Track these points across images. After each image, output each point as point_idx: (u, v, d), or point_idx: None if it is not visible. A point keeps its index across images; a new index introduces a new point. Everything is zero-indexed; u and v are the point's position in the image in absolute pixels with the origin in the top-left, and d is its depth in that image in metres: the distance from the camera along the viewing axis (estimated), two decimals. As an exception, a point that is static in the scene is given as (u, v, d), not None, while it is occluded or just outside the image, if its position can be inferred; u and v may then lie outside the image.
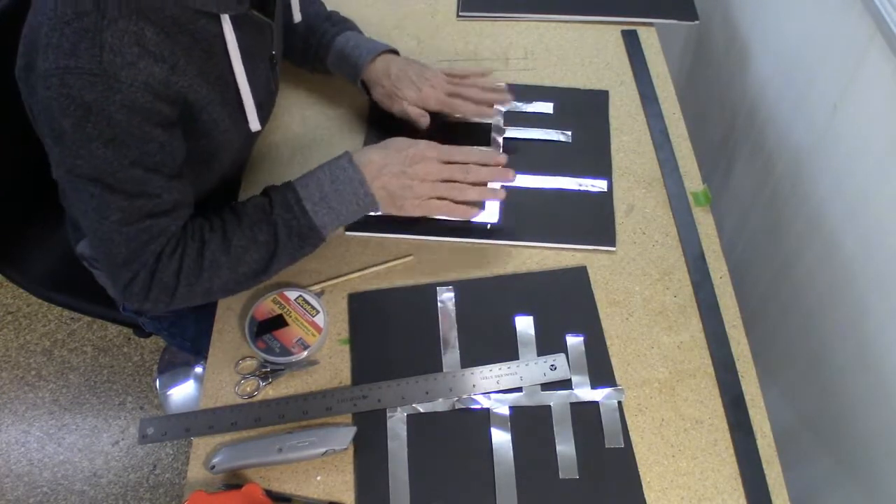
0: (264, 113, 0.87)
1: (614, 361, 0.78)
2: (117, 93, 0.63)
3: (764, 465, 0.71)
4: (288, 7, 0.92)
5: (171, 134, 0.71)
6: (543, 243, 0.88)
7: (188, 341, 1.09)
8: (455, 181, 0.81)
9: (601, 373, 0.77)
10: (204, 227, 0.77)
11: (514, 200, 0.91)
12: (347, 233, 0.88)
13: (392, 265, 0.87)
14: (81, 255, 1.01)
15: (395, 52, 0.98)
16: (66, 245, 1.04)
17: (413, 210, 0.81)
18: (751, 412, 0.75)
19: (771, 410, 0.75)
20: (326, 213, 0.78)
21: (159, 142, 0.69)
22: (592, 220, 0.90)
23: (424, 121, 0.94)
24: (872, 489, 0.87)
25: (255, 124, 0.81)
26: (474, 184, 0.82)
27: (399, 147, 0.81)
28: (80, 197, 0.70)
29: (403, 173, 0.79)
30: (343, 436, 0.72)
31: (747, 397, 0.76)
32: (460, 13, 1.17)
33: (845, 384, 0.91)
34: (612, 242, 0.88)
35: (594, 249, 0.87)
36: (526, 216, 0.91)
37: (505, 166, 0.84)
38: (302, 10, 0.96)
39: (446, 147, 0.82)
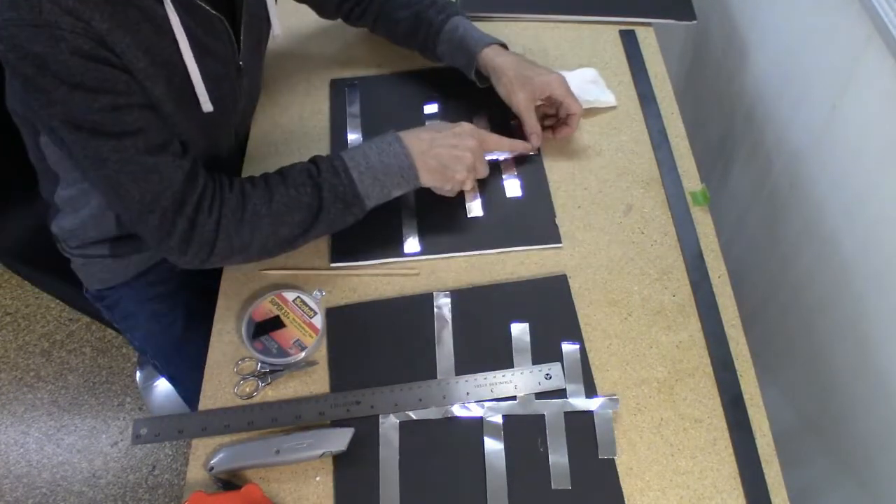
0: (229, 115, 0.88)
1: (613, 361, 0.78)
2: (61, 41, 0.64)
3: (763, 464, 0.71)
4: (266, 20, 0.91)
5: (131, 77, 0.71)
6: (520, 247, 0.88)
7: (136, 340, 1.08)
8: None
9: (589, 381, 0.77)
10: (245, 183, 0.79)
11: (499, 203, 0.92)
12: (332, 264, 0.87)
13: (396, 272, 0.87)
14: (56, 236, 1.00)
15: (502, 45, 0.98)
16: (42, 220, 1.03)
17: (462, 181, 0.85)
18: (750, 411, 0.75)
19: (770, 409, 0.75)
20: (372, 184, 0.80)
21: (122, 80, 0.69)
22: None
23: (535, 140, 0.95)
24: (871, 488, 0.87)
25: (206, 105, 0.80)
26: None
27: (445, 125, 0.86)
28: (74, 152, 0.71)
29: (454, 146, 0.83)
30: (341, 437, 0.72)
31: (746, 396, 0.76)
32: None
33: (844, 383, 0.91)
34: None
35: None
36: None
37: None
38: None
39: (485, 133, 0.88)
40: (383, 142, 0.82)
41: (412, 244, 0.88)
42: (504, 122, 0.99)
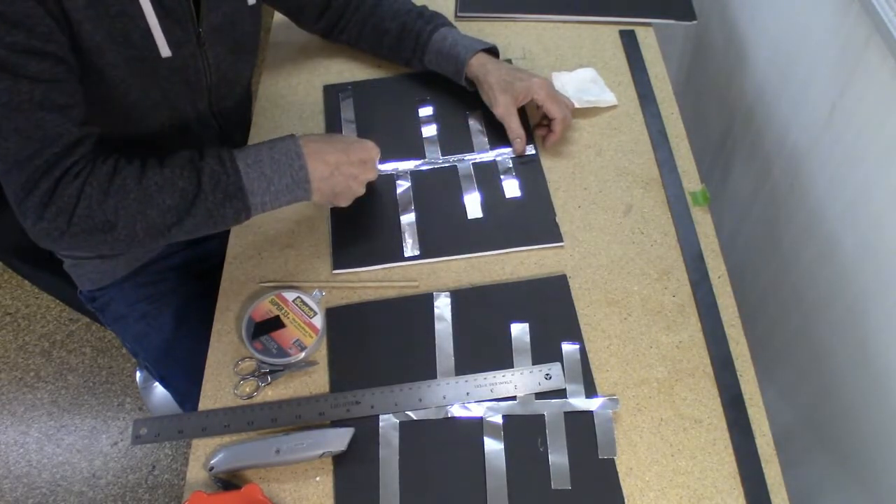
0: (192, 82, 0.85)
1: (613, 361, 0.78)
2: None
3: (763, 464, 0.71)
4: None
5: (57, 25, 0.67)
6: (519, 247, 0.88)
7: (128, 342, 1.07)
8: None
9: (588, 381, 0.77)
10: (120, 158, 0.73)
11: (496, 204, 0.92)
12: (335, 271, 0.87)
13: (395, 284, 0.87)
14: None
15: (492, 49, 1.00)
16: None
17: (342, 204, 0.84)
18: (749, 411, 0.75)
19: (770, 409, 0.75)
20: (258, 178, 0.75)
21: (46, 25, 0.66)
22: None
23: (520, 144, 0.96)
24: (871, 488, 0.87)
25: (164, 49, 0.78)
26: None
27: (350, 144, 0.82)
28: None
29: (354, 177, 0.82)
30: (341, 437, 0.72)
31: (746, 396, 0.76)
32: (458, 13, 1.17)
33: (844, 383, 0.91)
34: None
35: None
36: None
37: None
38: (393, 7, 1.01)
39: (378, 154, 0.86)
40: (279, 140, 0.78)
41: (412, 248, 0.88)
42: (498, 121, 0.99)
